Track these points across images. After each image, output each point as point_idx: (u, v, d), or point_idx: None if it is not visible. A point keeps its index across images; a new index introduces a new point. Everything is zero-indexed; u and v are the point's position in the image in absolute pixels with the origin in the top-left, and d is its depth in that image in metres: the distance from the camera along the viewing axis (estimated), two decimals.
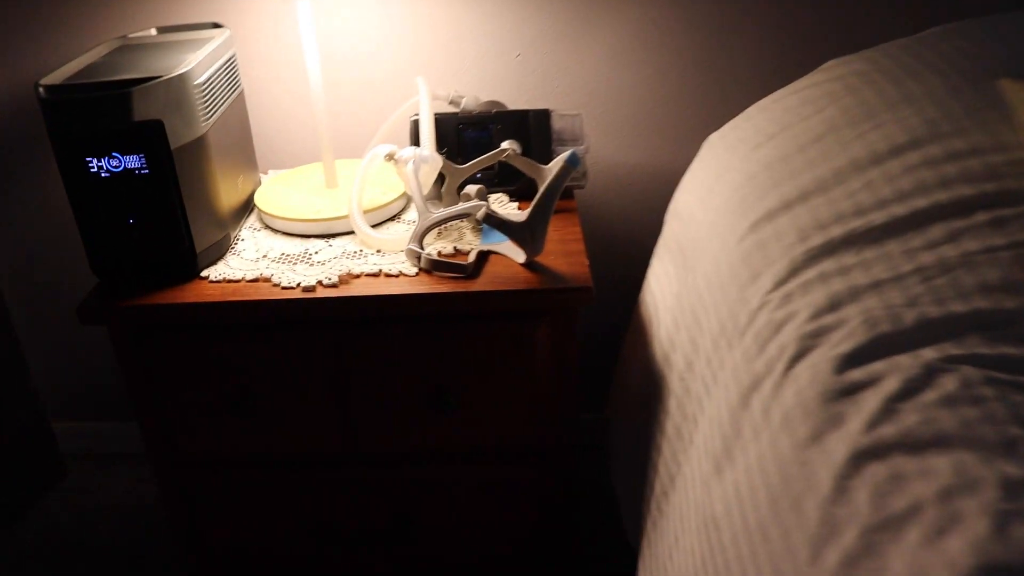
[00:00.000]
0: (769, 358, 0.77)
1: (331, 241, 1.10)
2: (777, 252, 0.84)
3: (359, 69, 1.32)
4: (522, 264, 1.02)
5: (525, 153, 1.16)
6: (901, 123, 0.89)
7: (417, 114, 1.18)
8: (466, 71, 1.32)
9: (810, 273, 0.81)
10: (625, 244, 1.45)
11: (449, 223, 1.09)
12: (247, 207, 1.17)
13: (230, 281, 1.02)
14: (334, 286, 1.00)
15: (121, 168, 0.96)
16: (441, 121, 1.17)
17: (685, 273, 1.01)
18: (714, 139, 1.11)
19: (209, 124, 1.01)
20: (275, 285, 1.00)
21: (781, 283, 0.82)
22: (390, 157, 1.07)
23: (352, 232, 1.11)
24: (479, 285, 0.98)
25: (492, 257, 1.05)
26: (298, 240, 1.11)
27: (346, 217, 1.10)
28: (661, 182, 1.40)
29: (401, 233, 1.10)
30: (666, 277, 1.08)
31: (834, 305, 0.77)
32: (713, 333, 0.88)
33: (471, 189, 1.08)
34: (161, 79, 0.94)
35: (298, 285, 1.00)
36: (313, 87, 1.12)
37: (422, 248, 1.02)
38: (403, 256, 1.05)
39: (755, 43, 1.30)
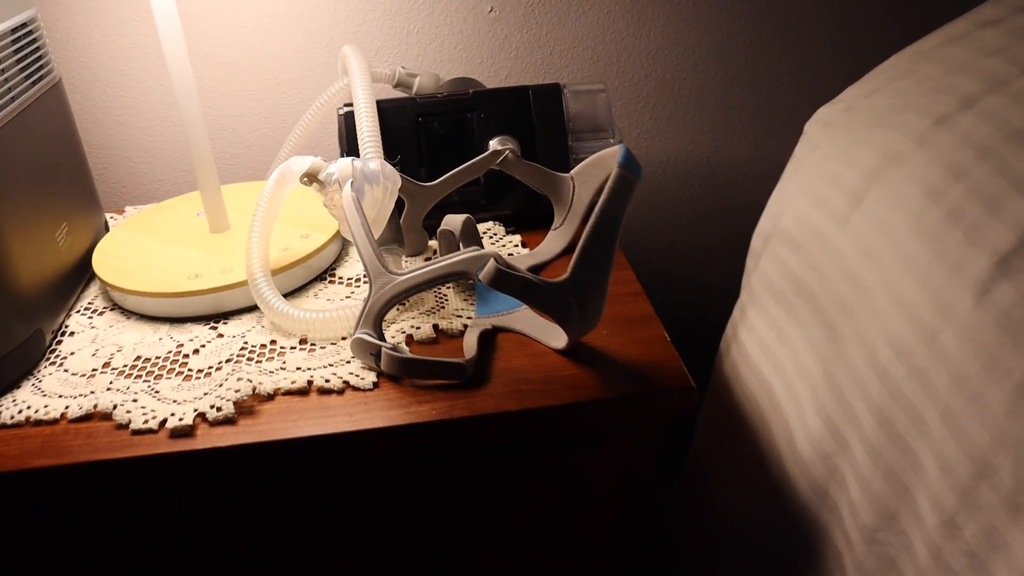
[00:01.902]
0: None
1: (221, 326, 0.65)
2: None
3: (253, 43, 0.87)
4: (558, 350, 0.59)
5: (528, 155, 0.73)
6: None
7: (349, 104, 0.74)
8: (414, 39, 0.88)
9: None
10: (667, 273, 1.03)
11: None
12: (81, 276, 0.71)
13: (39, 423, 0.57)
14: (229, 422, 0.55)
15: None
16: (389, 111, 0.73)
17: (829, 339, 0.60)
18: (830, 115, 0.70)
19: None
20: (120, 427, 0.55)
21: None
22: (311, 178, 0.62)
23: (256, 308, 0.67)
24: (488, 399, 0.55)
25: (501, 337, 0.62)
26: (165, 329, 0.65)
27: (244, 284, 0.65)
28: (710, 180, 0.99)
29: (339, 305, 0.66)
30: (783, 344, 0.66)
31: None
32: (956, 475, 0.47)
33: (453, 222, 0.65)
34: None
35: (162, 425, 0.55)
36: (173, 69, 0.67)
37: (381, 336, 0.58)
38: (346, 349, 0.61)
39: None
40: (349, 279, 0.70)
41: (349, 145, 0.73)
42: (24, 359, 0.61)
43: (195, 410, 0.56)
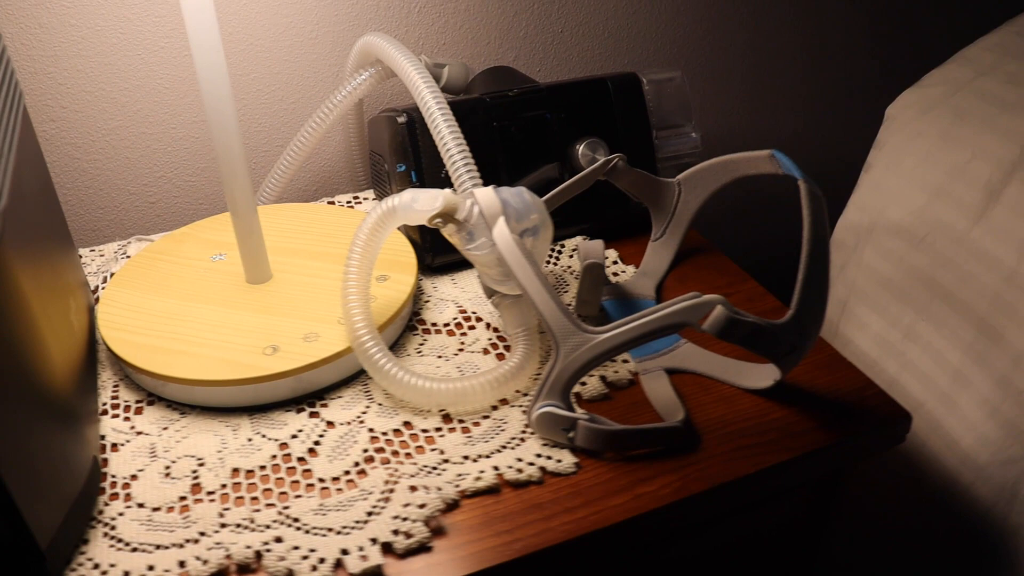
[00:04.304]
0: None
1: (321, 410, 0.52)
2: None
3: (227, 31, 0.69)
4: (754, 390, 0.53)
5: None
6: None
7: (398, 109, 0.61)
8: (415, 19, 0.75)
9: None
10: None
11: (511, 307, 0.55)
12: (93, 363, 0.54)
13: None
14: (424, 550, 0.43)
15: None
16: (459, 116, 0.60)
17: (990, 341, 0.58)
18: (927, 100, 0.67)
19: None
20: None
21: None
22: (447, 218, 0.50)
23: (351, 379, 0.54)
24: (715, 463, 0.48)
25: (674, 380, 0.54)
26: (245, 425, 0.51)
27: (342, 356, 0.52)
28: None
29: (453, 361, 0.54)
30: (914, 342, 0.64)
31: None
32: None
33: (595, 251, 0.55)
34: None
35: (337, 568, 0.42)
36: (205, 84, 0.51)
37: (571, 407, 0.48)
38: (507, 423, 0.50)
39: None
40: (445, 325, 0.58)
41: (415, 161, 0.60)
42: (90, 501, 0.44)
43: (372, 540, 0.43)
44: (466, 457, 0.48)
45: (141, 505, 0.46)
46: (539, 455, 0.48)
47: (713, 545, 0.54)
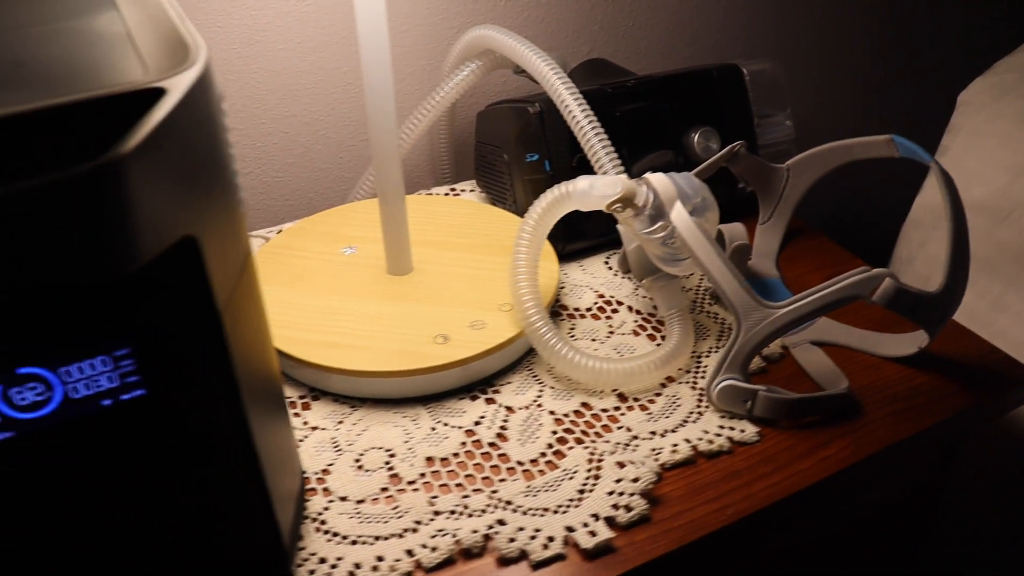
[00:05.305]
0: None
1: (495, 395, 0.52)
2: None
3: (308, 23, 0.69)
4: (894, 358, 0.56)
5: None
6: None
7: (533, 99, 0.62)
8: (501, 12, 0.76)
9: None
10: None
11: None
12: None
13: None
14: (644, 521, 0.45)
15: (71, 404, 0.31)
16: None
17: None
18: (1000, 85, 0.72)
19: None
20: (507, 561, 0.42)
21: None
22: (626, 202, 0.51)
23: (514, 365, 0.54)
24: (880, 426, 0.51)
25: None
26: (424, 416, 0.51)
27: (518, 339, 0.53)
28: None
29: (607, 344, 0.56)
30: (1002, 311, 0.68)
31: None
32: None
33: (739, 233, 0.57)
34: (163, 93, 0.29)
35: (565, 546, 0.43)
36: (367, 60, 0.51)
37: (748, 380, 0.50)
38: (681, 400, 0.52)
39: None
40: (587, 309, 0.59)
41: (549, 151, 0.61)
42: (303, 497, 0.44)
43: (593, 515, 0.44)
44: (653, 432, 0.49)
45: (344, 498, 0.46)
46: (721, 427, 0.50)
47: (859, 510, 0.57)
